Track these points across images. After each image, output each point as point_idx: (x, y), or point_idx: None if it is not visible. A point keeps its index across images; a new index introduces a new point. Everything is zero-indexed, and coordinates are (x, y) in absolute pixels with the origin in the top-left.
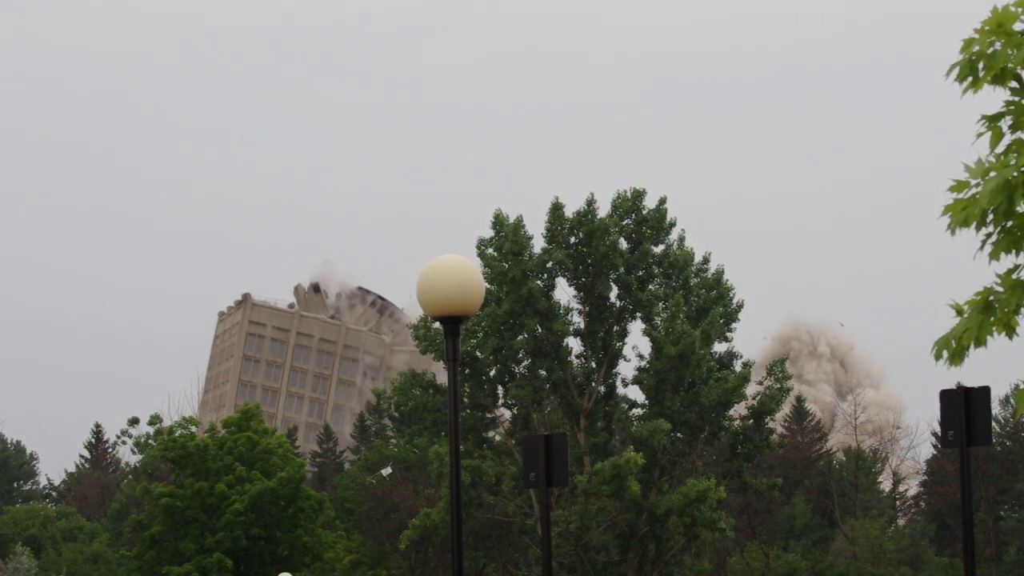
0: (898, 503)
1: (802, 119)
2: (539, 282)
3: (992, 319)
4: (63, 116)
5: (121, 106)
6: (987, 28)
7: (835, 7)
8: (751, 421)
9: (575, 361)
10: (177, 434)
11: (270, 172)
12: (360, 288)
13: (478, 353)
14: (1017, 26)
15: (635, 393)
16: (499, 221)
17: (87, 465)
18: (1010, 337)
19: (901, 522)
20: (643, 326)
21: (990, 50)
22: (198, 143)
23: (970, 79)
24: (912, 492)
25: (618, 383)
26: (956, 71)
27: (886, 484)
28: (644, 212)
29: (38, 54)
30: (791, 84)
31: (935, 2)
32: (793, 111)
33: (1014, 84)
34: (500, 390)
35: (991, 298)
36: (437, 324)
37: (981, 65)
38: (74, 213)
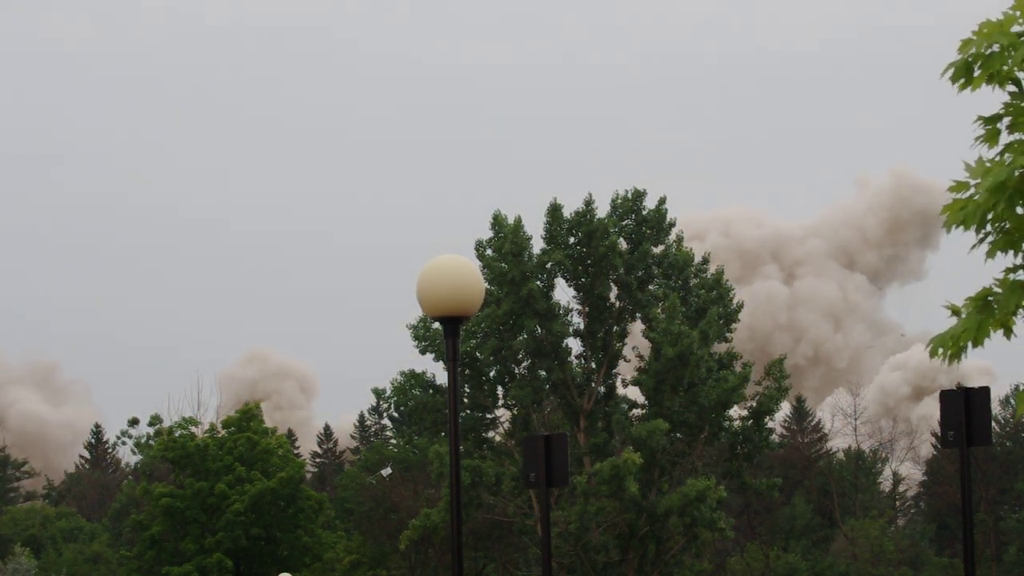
0: (898, 503)
1: (808, 116)
2: (538, 283)
3: (991, 319)
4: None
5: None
6: (985, 30)
7: (838, 5)
8: (751, 421)
9: (575, 362)
10: (177, 434)
11: (264, 170)
12: None
13: (478, 354)
14: (1016, 28)
15: (635, 394)
16: (498, 222)
17: (87, 465)
18: (1008, 337)
19: (901, 522)
20: (643, 327)
21: (988, 51)
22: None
23: (963, 80)
24: (912, 492)
25: (618, 383)
26: (951, 71)
27: (886, 484)
28: (644, 212)
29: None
30: (795, 80)
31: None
32: (799, 108)
33: (1012, 88)
34: (500, 390)
35: (989, 298)
36: (437, 324)
37: (977, 65)
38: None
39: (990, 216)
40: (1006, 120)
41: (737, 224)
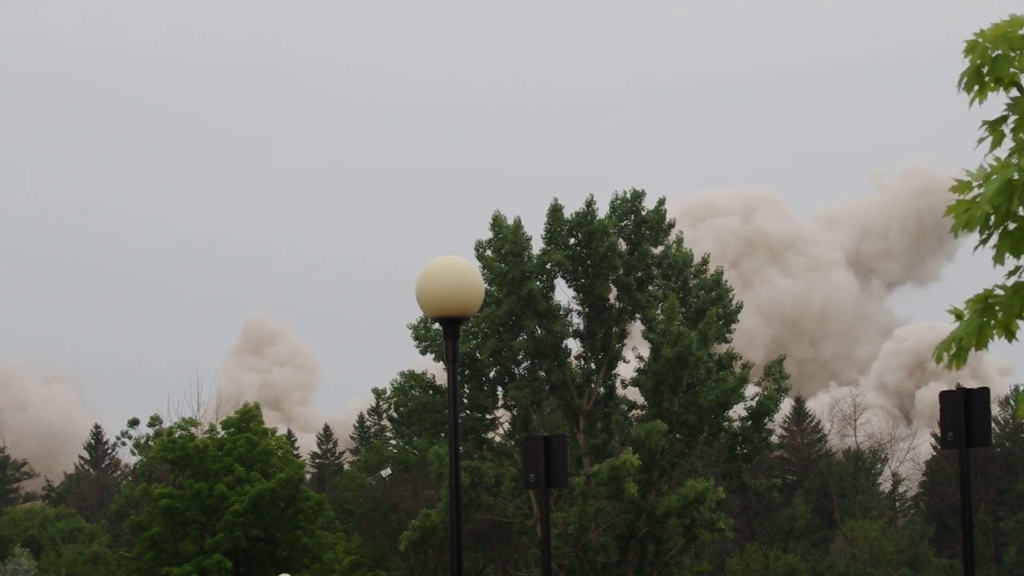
0: (897, 504)
1: (807, 118)
2: (538, 283)
3: (992, 322)
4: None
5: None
6: (989, 33)
7: (840, 6)
8: (750, 422)
9: (574, 362)
10: (176, 435)
11: (263, 173)
12: None
13: (477, 354)
14: (1022, 31)
15: (635, 394)
16: (498, 223)
17: (86, 466)
18: (1009, 340)
19: (900, 523)
20: (642, 327)
21: (994, 54)
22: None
23: (976, 88)
24: (912, 493)
25: (617, 384)
26: (964, 81)
27: (886, 485)
28: (643, 213)
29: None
30: (795, 82)
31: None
32: (798, 109)
33: (1015, 93)
34: (500, 391)
35: (990, 300)
36: (437, 325)
37: (986, 70)
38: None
39: (992, 218)
40: (1010, 123)
41: (758, 209)
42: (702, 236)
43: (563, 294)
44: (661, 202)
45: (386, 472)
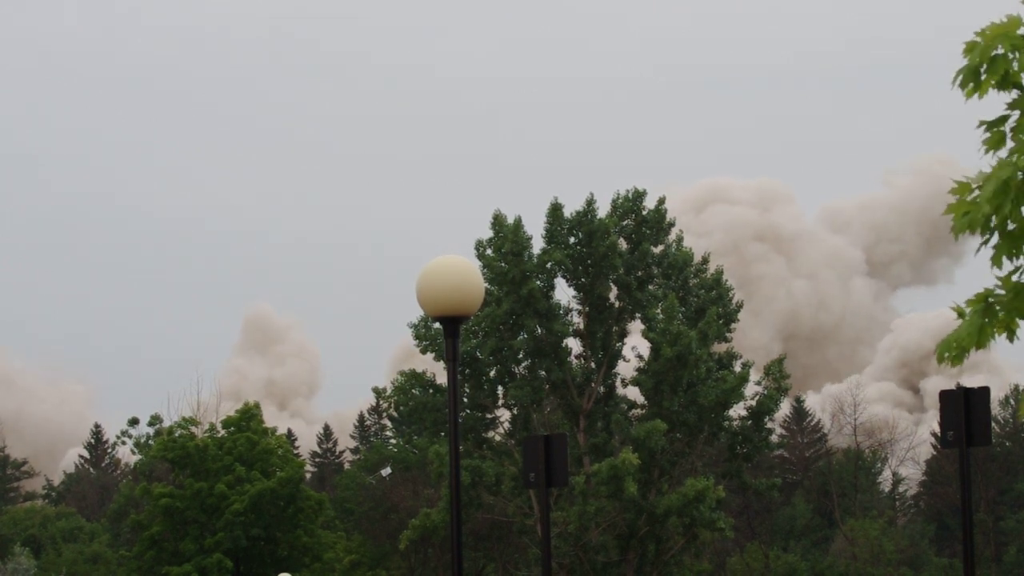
0: (898, 503)
1: (808, 115)
2: (538, 282)
3: (993, 321)
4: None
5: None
6: (989, 32)
7: (840, 4)
8: (750, 421)
9: (575, 361)
10: (177, 434)
11: (263, 170)
12: None
13: (478, 353)
14: (1021, 31)
15: (635, 394)
16: (498, 222)
17: (87, 465)
18: (1011, 340)
19: (901, 522)
20: (642, 327)
21: (992, 53)
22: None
23: (972, 85)
24: (912, 492)
25: (618, 383)
26: (960, 78)
27: (886, 485)
28: (644, 212)
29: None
30: (796, 79)
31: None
32: (799, 107)
33: (1016, 93)
34: (500, 390)
35: (990, 300)
36: (437, 324)
37: (984, 69)
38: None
39: (994, 219)
40: (1010, 123)
41: (770, 203)
42: (711, 222)
43: (563, 293)
44: (661, 201)
45: (386, 471)
